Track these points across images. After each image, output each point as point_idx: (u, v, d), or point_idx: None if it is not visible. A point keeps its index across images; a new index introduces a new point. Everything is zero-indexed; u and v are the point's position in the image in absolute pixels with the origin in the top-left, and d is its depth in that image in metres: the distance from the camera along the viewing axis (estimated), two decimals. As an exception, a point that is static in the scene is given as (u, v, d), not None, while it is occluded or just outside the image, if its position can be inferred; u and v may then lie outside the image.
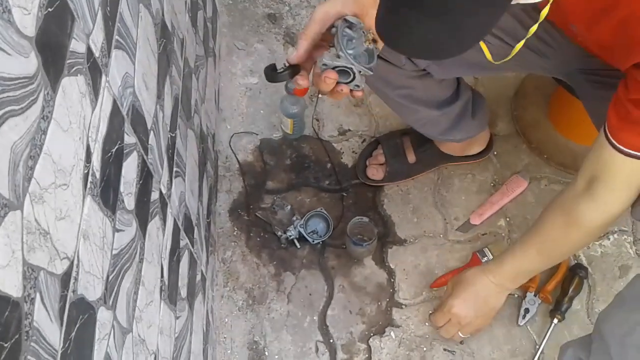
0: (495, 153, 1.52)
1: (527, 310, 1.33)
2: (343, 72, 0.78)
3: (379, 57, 1.05)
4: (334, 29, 0.78)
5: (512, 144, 1.53)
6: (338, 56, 0.76)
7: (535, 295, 1.33)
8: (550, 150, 1.50)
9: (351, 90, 0.81)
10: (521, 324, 1.32)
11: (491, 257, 1.37)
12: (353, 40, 0.78)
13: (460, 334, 1.19)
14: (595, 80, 1.03)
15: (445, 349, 1.31)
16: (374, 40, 0.78)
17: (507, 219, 1.44)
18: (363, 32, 0.78)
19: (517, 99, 1.57)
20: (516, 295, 1.36)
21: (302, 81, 0.82)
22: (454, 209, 1.46)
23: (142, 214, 0.77)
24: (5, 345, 0.40)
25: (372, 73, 0.79)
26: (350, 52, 0.76)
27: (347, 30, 0.77)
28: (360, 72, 0.78)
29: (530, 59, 1.06)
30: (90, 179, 0.58)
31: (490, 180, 1.49)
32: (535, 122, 1.53)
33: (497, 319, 1.33)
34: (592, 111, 1.08)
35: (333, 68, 0.77)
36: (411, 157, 1.45)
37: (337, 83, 0.79)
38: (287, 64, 0.81)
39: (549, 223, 1.02)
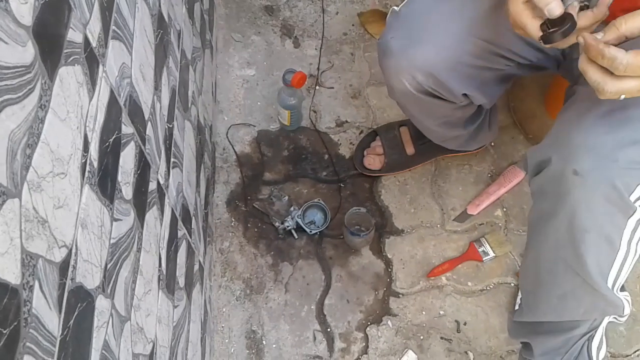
0: (492, 144, 1.52)
1: (523, 300, 1.34)
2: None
3: (437, 97, 1.07)
4: None
5: (509, 135, 1.54)
6: None
7: (531, 285, 1.34)
8: (547, 141, 1.50)
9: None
10: (517, 313, 1.33)
11: (488, 247, 1.38)
12: None
13: (626, 97, 0.73)
14: None
15: (442, 337, 1.32)
16: None
17: (504, 209, 1.45)
18: None
19: (514, 91, 1.57)
20: (512, 285, 1.37)
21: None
22: (451, 200, 1.46)
23: (140, 204, 0.77)
24: (4, 331, 0.41)
25: None
26: None
27: None
28: None
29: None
30: (88, 168, 0.59)
31: (487, 171, 1.50)
32: (532, 113, 1.53)
33: (494, 308, 1.35)
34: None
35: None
36: (409, 149, 1.45)
37: None
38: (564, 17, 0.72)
39: None
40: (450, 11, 1.00)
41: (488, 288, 1.37)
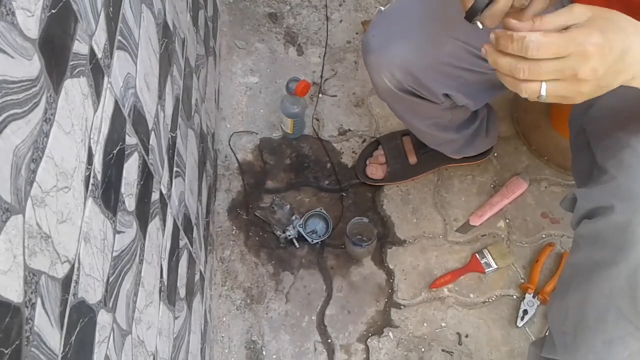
0: (495, 155, 1.51)
1: (525, 312, 1.33)
2: None
3: (419, 96, 1.07)
4: None
5: (513, 146, 1.53)
6: None
7: (534, 297, 1.33)
8: (551, 152, 1.50)
9: None
10: (520, 326, 1.32)
11: (491, 258, 1.37)
12: None
13: (549, 90, 0.65)
14: None
15: (443, 350, 1.31)
16: None
17: (507, 221, 1.44)
18: None
19: (517, 101, 1.57)
20: (515, 297, 1.36)
21: None
22: (454, 210, 1.46)
23: (143, 215, 0.76)
24: (6, 351, 0.40)
25: None
26: None
27: None
28: None
29: None
30: (91, 181, 0.58)
31: (490, 182, 1.49)
32: (536, 124, 1.53)
33: (496, 320, 1.34)
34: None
35: None
36: (412, 159, 1.44)
37: None
38: None
39: None
40: (429, 11, 1.01)
41: (490, 300, 1.36)
